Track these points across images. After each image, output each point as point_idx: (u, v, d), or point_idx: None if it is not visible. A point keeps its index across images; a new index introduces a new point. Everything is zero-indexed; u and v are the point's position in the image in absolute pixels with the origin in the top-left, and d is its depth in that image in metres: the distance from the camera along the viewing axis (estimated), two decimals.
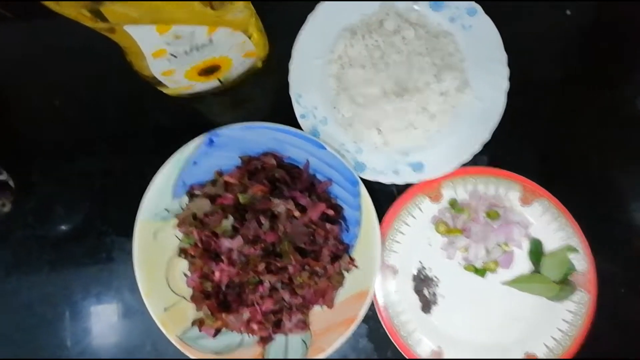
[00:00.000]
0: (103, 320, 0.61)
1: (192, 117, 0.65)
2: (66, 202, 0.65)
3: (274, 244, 0.52)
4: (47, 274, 0.63)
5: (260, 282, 0.52)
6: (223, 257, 0.52)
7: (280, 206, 0.53)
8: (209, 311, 0.52)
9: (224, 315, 0.52)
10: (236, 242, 0.51)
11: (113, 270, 0.62)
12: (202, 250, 0.53)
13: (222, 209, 0.54)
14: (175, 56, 0.51)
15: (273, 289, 0.52)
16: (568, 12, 0.63)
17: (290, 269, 0.52)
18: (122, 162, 0.64)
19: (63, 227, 0.64)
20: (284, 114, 0.61)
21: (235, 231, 0.52)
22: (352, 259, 0.56)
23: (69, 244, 0.63)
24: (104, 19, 0.43)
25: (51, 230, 0.64)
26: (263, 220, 0.52)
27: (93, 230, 0.63)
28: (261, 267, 0.51)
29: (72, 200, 0.65)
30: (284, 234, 0.52)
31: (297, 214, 0.53)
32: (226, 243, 0.51)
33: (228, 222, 0.52)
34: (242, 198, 0.53)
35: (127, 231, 0.61)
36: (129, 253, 0.61)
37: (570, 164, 0.61)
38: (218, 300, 0.52)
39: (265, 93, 0.64)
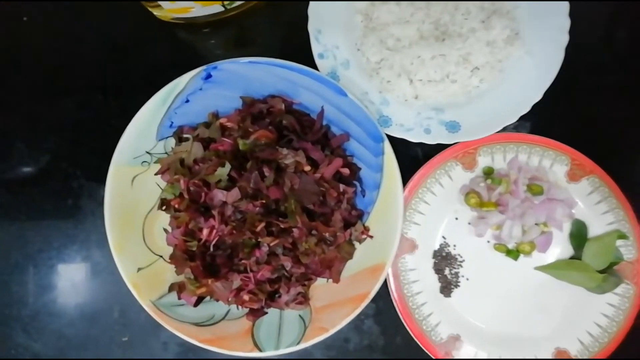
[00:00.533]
0: (64, 278, 0.52)
1: (187, 50, 0.55)
2: (28, 138, 0.54)
3: (277, 202, 0.43)
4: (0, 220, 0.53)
5: (257, 246, 0.43)
6: (214, 212, 0.42)
7: (288, 157, 0.44)
8: (192, 275, 0.43)
9: (210, 281, 0.43)
10: (232, 195, 0.42)
11: (79, 221, 0.52)
12: (189, 202, 0.43)
13: (218, 156, 0.45)
14: None
15: (272, 254, 0.43)
16: None
17: (296, 232, 0.43)
18: (100, 97, 0.54)
19: (23, 168, 0.54)
20: (299, 52, 0.50)
21: (231, 182, 0.43)
22: (366, 228, 0.48)
23: (27, 187, 0.53)
24: None
25: (8, 170, 0.54)
26: (267, 171, 0.43)
27: (58, 173, 0.53)
28: (260, 227, 0.42)
29: (36, 136, 0.54)
30: (290, 191, 0.43)
31: (307, 168, 0.44)
32: (220, 195, 0.42)
33: (224, 171, 0.42)
34: (242, 144, 0.44)
35: (99, 176, 0.51)
36: (99, 202, 0.51)
37: (629, 140, 0.52)
38: (204, 263, 0.43)
39: (277, 26, 0.54)
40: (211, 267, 0.44)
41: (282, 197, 0.43)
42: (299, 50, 0.50)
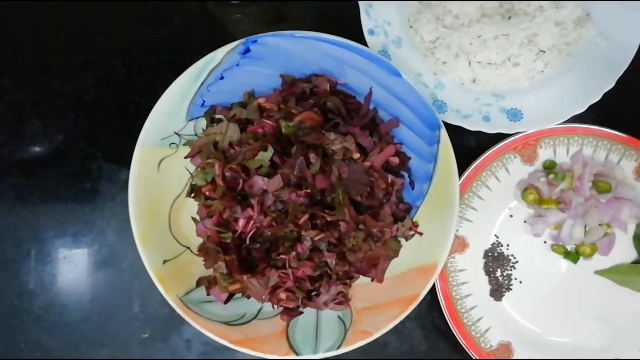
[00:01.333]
0: (80, 268, 0.47)
1: (220, 25, 0.50)
2: (44, 114, 0.50)
3: (323, 192, 0.39)
4: (11, 203, 0.48)
5: (299, 240, 0.39)
6: (253, 201, 0.38)
7: (336, 143, 0.39)
8: (225, 269, 0.39)
9: (245, 277, 0.39)
10: (274, 183, 0.38)
11: (98, 206, 0.48)
12: (226, 189, 0.39)
13: (257, 139, 0.40)
14: None
15: (315, 249, 0.39)
16: None
17: (343, 226, 0.38)
18: (125, 73, 0.49)
19: (37, 147, 0.50)
20: (346, 28, 0.45)
21: (273, 169, 0.39)
22: (414, 224, 0.44)
23: (42, 168, 0.48)
24: None
25: (20, 149, 0.49)
26: (313, 158, 0.38)
27: (76, 153, 0.48)
28: (303, 219, 0.38)
29: (53, 113, 0.49)
30: (338, 180, 0.39)
31: (356, 156, 0.40)
32: (260, 182, 0.38)
33: (266, 155, 0.38)
34: (285, 127, 0.39)
35: (120, 158, 0.47)
36: (120, 186, 0.47)
37: None
38: (239, 257, 0.39)
39: None
40: (247, 262, 0.40)
41: (329, 187, 0.38)
42: (346, 25, 0.45)
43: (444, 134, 0.42)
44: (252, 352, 0.41)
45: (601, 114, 0.47)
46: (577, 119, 0.46)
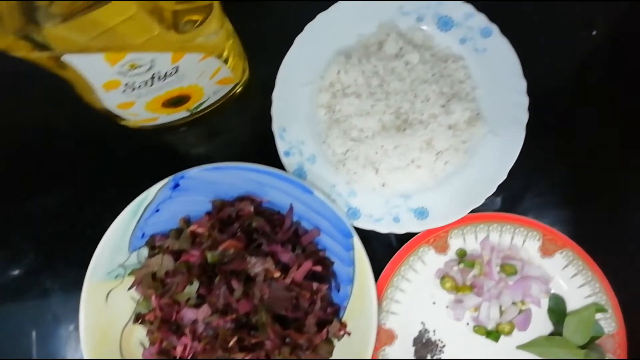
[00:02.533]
0: None
1: (159, 151, 0.56)
2: (4, 249, 0.55)
3: (248, 314, 0.43)
4: None
5: None
6: (186, 331, 0.43)
7: (257, 266, 0.44)
8: None
9: None
10: (202, 313, 0.42)
11: (59, 337, 0.52)
12: (161, 322, 0.43)
13: (188, 268, 0.45)
14: (132, 88, 0.42)
15: None
16: (594, 33, 0.55)
17: (268, 344, 0.43)
18: (76, 206, 0.55)
19: None
20: (268, 146, 0.52)
21: (201, 298, 0.43)
22: (343, 324, 0.48)
23: (4, 301, 0.53)
24: (41, 47, 0.34)
25: None
26: (235, 284, 0.43)
27: (36, 286, 0.53)
28: (232, 342, 0.42)
29: (13, 248, 0.55)
30: (260, 302, 0.43)
31: (277, 275, 0.44)
32: (190, 314, 0.42)
33: (192, 288, 0.42)
34: (210, 256, 0.44)
35: (78, 288, 0.52)
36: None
37: (598, 209, 0.53)
38: None
39: (245, 122, 0.55)
40: None
41: (253, 310, 0.43)
42: (267, 143, 0.51)
43: (357, 242, 0.47)
44: None
45: (503, 200, 0.52)
46: (481, 206, 0.51)
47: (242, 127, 0.55)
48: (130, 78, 0.39)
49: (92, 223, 0.53)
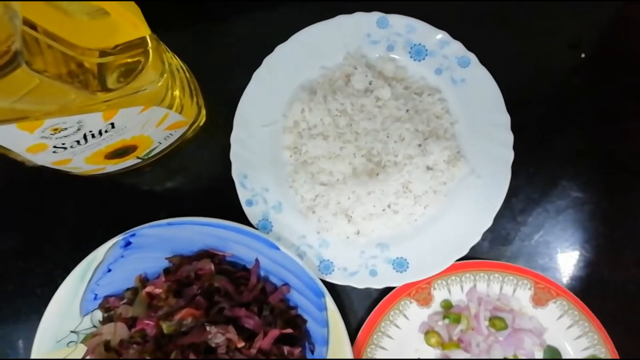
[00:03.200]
0: None
1: (113, 199, 0.51)
2: None
3: None
4: None
5: None
6: None
7: (217, 336, 0.39)
8: None
9: None
10: None
11: None
12: None
13: (142, 337, 0.41)
14: (64, 148, 0.37)
15: None
16: (583, 55, 0.51)
17: None
18: (22, 263, 0.50)
19: None
20: (230, 192, 0.47)
21: None
22: None
23: None
24: None
25: None
26: (193, 358, 0.39)
27: None
28: None
29: None
30: None
31: (240, 345, 0.40)
32: None
33: None
34: (166, 327, 0.40)
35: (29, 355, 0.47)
36: None
37: (594, 255, 0.48)
38: None
39: (205, 165, 0.50)
40: None
41: None
42: (231, 188, 0.47)
43: (329, 302, 0.43)
44: None
45: (490, 245, 0.48)
46: (467, 253, 0.47)
47: (201, 167, 0.50)
48: (58, 140, 0.34)
49: (42, 281, 0.49)
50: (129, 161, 0.46)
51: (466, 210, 0.45)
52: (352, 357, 0.42)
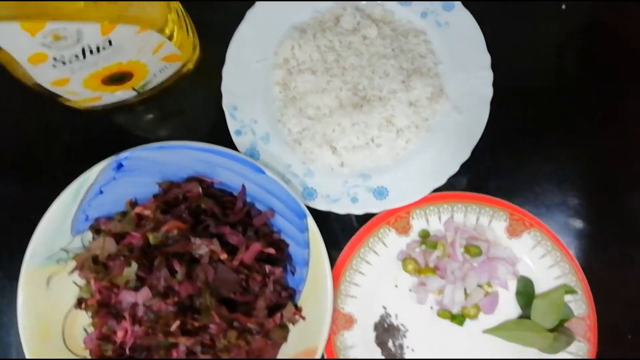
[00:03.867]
0: None
1: (109, 132, 0.53)
2: None
3: (191, 297, 0.41)
4: None
5: (175, 346, 0.41)
6: (125, 314, 0.40)
7: (201, 247, 0.41)
8: None
9: None
10: (142, 295, 0.40)
11: (2, 324, 0.49)
12: (100, 305, 0.41)
13: (130, 251, 0.43)
14: (63, 62, 0.39)
15: (191, 353, 0.41)
16: (563, 7, 0.53)
17: (213, 328, 0.40)
18: (18, 190, 0.52)
19: None
20: (220, 126, 0.49)
21: (141, 281, 0.41)
22: (297, 309, 0.45)
23: None
24: None
25: None
26: (177, 266, 0.40)
27: None
28: (174, 326, 0.40)
29: None
30: (204, 284, 0.41)
31: (223, 256, 0.42)
32: (128, 297, 0.40)
33: (131, 270, 0.40)
34: (152, 238, 0.42)
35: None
36: None
37: (567, 188, 0.50)
38: None
39: (198, 102, 0.53)
40: None
41: (196, 292, 0.40)
42: (222, 123, 0.49)
43: (311, 222, 0.45)
44: None
45: (469, 179, 0.50)
46: (446, 186, 0.49)
47: (194, 106, 0.52)
48: (58, 51, 0.36)
49: (36, 207, 0.51)
50: (125, 92, 0.49)
51: (446, 143, 0.47)
52: (330, 275, 0.44)
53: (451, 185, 0.48)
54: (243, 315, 0.41)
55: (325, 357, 0.45)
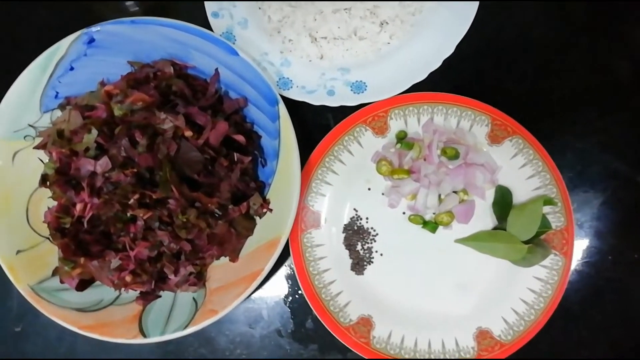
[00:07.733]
0: None
1: (82, 13, 0.51)
2: None
3: (152, 170, 0.39)
4: None
5: (133, 220, 0.39)
6: (84, 184, 0.39)
7: (166, 122, 0.40)
8: (61, 254, 0.39)
9: (82, 260, 0.39)
10: (101, 165, 0.38)
11: None
12: (59, 174, 0.40)
13: (93, 124, 0.41)
14: None
15: (149, 229, 0.40)
16: None
17: (172, 203, 0.39)
18: None
19: None
20: (200, 7, 0.47)
21: (101, 150, 0.39)
22: (265, 201, 0.44)
23: None
24: None
25: None
26: (138, 137, 0.39)
27: None
28: (133, 199, 0.38)
29: None
30: (166, 158, 0.39)
31: (188, 133, 0.40)
32: (87, 165, 0.38)
33: (90, 137, 0.39)
34: (117, 109, 0.40)
35: None
36: None
37: (556, 97, 0.48)
38: (75, 240, 0.40)
39: None
40: (87, 246, 0.41)
41: (157, 165, 0.39)
42: (199, 4, 0.47)
43: (282, 109, 0.43)
44: (100, 337, 0.41)
45: (455, 80, 0.47)
46: (428, 88, 0.46)
47: None
48: None
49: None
50: None
51: (431, 40, 0.45)
52: (298, 162, 0.42)
53: (432, 87, 0.46)
54: (205, 196, 0.40)
55: (292, 255, 0.44)
